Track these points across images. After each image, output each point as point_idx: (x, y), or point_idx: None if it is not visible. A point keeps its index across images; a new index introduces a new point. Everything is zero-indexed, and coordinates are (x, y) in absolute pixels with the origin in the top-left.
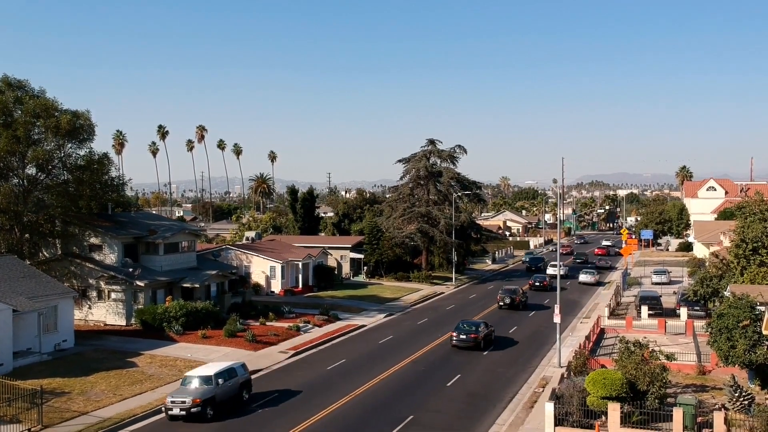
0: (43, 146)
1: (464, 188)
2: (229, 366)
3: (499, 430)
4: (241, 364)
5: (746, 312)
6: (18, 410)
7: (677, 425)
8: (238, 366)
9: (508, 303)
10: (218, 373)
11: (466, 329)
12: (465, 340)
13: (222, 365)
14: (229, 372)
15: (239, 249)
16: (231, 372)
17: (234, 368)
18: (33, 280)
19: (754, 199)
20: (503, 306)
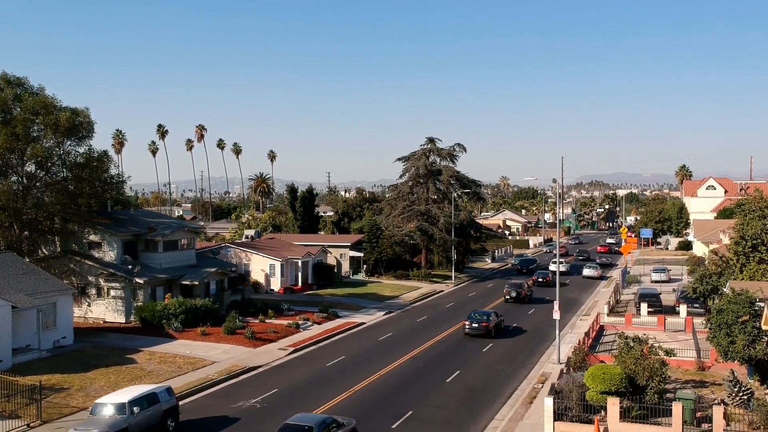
0: (42, 143)
1: (464, 187)
2: (150, 391)
3: (499, 425)
4: (166, 388)
5: (745, 307)
6: (17, 406)
7: (676, 419)
8: (161, 390)
9: (514, 296)
10: (134, 400)
11: (478, 318)
12: (477, 328)
13: (141, 390)
14: (149, 398)
15: (238, 247)
16: (151, 398)
17: (156, 393)
18: (32, 276)
19: (754, 197)
20: (509, 299)
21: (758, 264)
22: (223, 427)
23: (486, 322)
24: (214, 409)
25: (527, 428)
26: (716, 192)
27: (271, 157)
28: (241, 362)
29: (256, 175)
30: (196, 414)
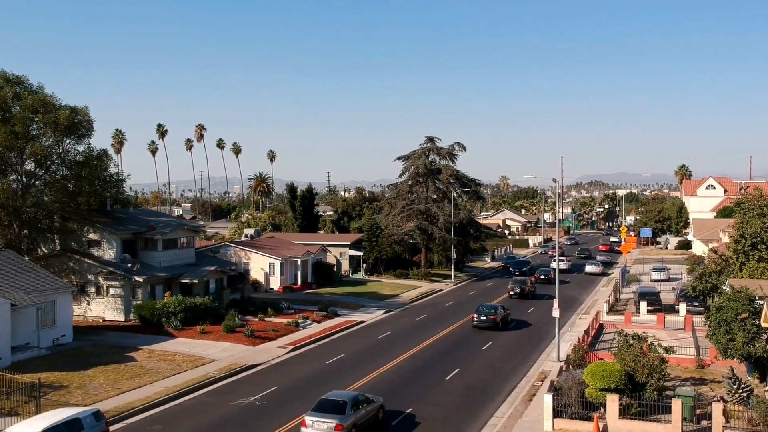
0: (41, 142)
1: (463, 185)
2: (72, 417)
3: (498, 422)
4: (93, 412)
5: (745, 305)
6: (16, 403)
7: (676, 416)
8: (86, 416)
9: (518, 292)
10: (49, 429)
11: (486, 311)
12: (485, 321)
13: (62, 415)
14: (70, 425)
15: (238, 246)
16: (73, 425)
17: (79, 419)
18: (31, 275)
19: (753, 195)
20: (513, 295)
21: (758, 262)
22: None
23: (494, 315)
24: (213, 406)
25: (526, 425)
26: (716, 191)
27: (271, 157)
28: (241, 360)
29: (255, 175)
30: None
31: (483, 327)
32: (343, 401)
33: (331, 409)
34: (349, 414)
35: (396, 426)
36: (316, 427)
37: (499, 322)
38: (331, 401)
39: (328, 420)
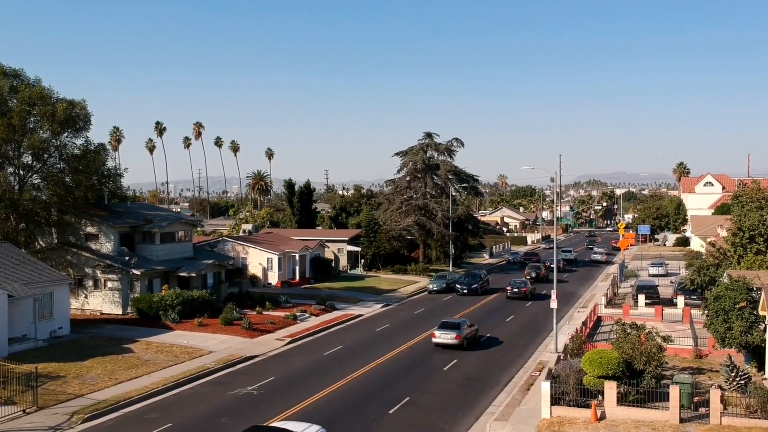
0: (38, 134)
1: (461, 181)
2: None
3: (496, 410)
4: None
5: (743, 294)
6: (13, 392)
7: (674, 402)
8: None
9: (534, 276)
10: None
11: (518, 285)
12: (517, 293)
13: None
14: None
15: (236, 241)
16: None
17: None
18: (28, 267)
19: (751, 188)
20: (530, 279)
21: (755, 255)
22: None
23: (525, 288)
24: (211, 396)
25: (524, 413)
26: (714, 188)
27: (269, 155)
28: (238, 352)
29: (253, 173)
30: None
31: (516, 298)
32: (459, 322)
33: (451, 326)
34: (464, 329)
35: (394, 413)
36: (443, 336)
37: (528, 293)
38: (450, 322)
39: (450, 332)
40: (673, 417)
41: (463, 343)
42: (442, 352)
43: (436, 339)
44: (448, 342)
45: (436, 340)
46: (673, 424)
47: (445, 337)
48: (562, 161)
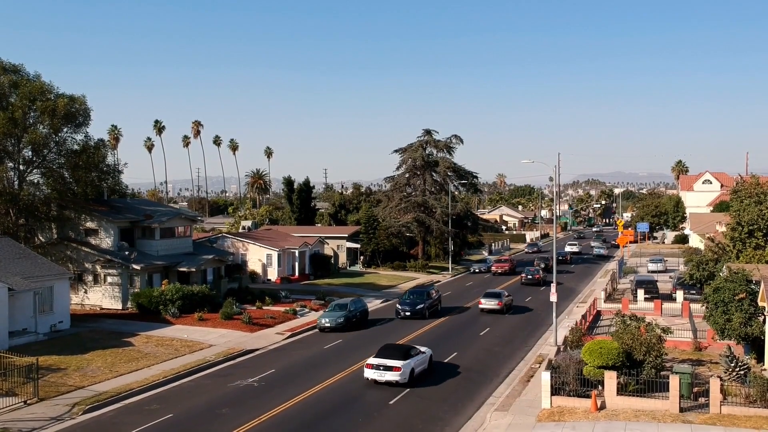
0: (39, 130)
1: (460, 178)
2: None
3: (496, 401)
4: None
5: (742, 285)
6: (13, 384)
7: (673, 391)
8: None
9: (543, 267)
10: None
11: (532, 272)
12: (531, 279)
13: None
14: None
15: (236, 237)
16: None
17: None
18: (28, 261)
19: (750, 183)
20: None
21: (755, 250)
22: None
23: (538, 275)
24: (211, 387)
25: (525, 403)
26: (712, 186)
27: (268, 154)
28: (239, 345)
29: (252, 172)
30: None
31: (530, 284)
32: (500, 291)
33: (494, 295)
34: (504, 298)
35: (395, 404)
36: (487, 303)
37: (540, 279)
38: (493, 292)
39: (493, 299)
40: (672, 406)
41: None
42: (442, 345)
43: (368, 374)
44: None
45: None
46: (673, 413)
47: (383, 375)
48: (560, 161)
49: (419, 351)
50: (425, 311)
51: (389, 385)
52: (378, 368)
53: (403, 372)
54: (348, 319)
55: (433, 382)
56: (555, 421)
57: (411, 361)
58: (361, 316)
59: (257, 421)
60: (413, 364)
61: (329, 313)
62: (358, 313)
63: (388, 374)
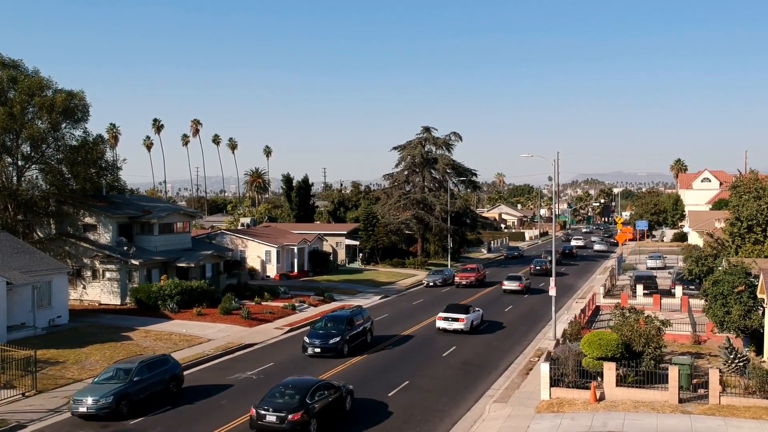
0: (37, 125)
1: (460, 175)
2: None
3: (495, 393)
4: None
5: (741, 278)
6: (11, 376)
7: (673, 382)
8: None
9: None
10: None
11: (540, 262)
12: (539, 270)
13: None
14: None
15: (235, 234)
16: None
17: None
18: (27, 255)
19: (749, 178)
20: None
21: (754, 245)
22: None
23: (545, 266)
24: (210, 380)
25: (524, 395)
26: (711, 184)
27: (267, 153)
28: (237, 340)
29: (251, 171)
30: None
31: (538, 274)
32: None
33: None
34: (472, 313)
35: (394, 396)
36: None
37: (548, 270)
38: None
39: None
40: (672, 397)
41: None
42: (441, 341)
43: (439, 324)
44: None
45: None
46: (672, 404)
47: (452, 324)
48: (559, 160)
49: (476, 309)
50: (342, 346)
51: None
52: (447, 320)
53: (467, 323)
54: None
55: (430, 375)
56: (554, 412)
57: (471, 315)
58: None
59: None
60: (472, 318)
61: None
62: None
63: (455, 324)
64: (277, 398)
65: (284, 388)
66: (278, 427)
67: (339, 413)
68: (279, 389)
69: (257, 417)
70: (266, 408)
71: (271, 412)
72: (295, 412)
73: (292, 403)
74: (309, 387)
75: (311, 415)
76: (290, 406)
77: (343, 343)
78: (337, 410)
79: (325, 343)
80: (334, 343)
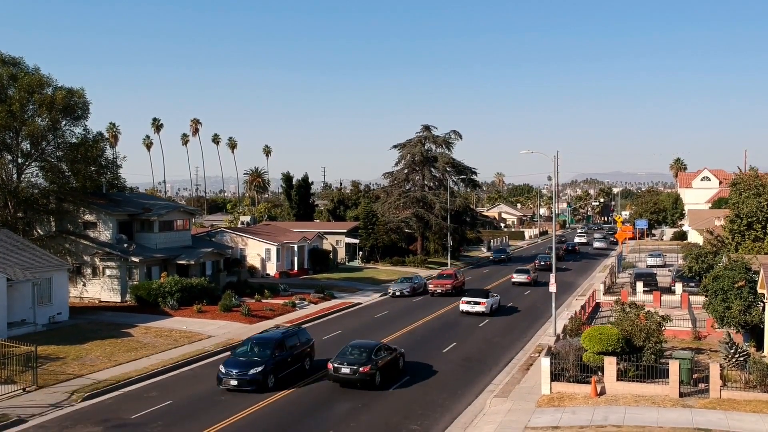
0: (37, 122)
1: (459, 173)
2: None
3: (495, 388)
4: None
5: (741, 273)
6: (12, 372)
7: (673, 377)
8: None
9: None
10: None
11: (545, 258)
12: (543, 266)
13: None
14: None
15: (235, 232)
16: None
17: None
18: (27, 252)
19: (749, 175)
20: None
21: (753, 242)
22: None
23: (549, 261)
24: (211, 376)
25: (524, 390)
26: (711, 183)
27: (267, 152)
28: (238, 336)
29: (251, 170)
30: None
31: (542, 269)
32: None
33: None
34: (532, 273)
35: (395, 390)
36: (517, 278)
37: (549, 265)
38: (523, 268)
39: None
40: (672, 392)
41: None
42: (441, 336)
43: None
44: None
45: None
46: (673, 398)
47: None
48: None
49: (494, 294)
50: (266, 378)
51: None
52: (470, 303)
53: (487, 306)
54: None
55: (431, 370)
56: (555, 407)
57: (490, 300)
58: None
59: (256, 407)
60: (491, 302)
61: None
62: None
63: (477, 307)
64: (349, 355)
65: (353, 348)
66: (351, 377)
67: (395, 371)
68: (349, 349)
69: (334, 370)
70: (341, 363)
71: (346, 366)
72: (365, 366)
73: (361, 359)
74: (373, 347)
75: (376, 368)
76: (360, 361)
77: (268, 373)
78: (393, 368)
79: (243, 374)
80: (254, 374)
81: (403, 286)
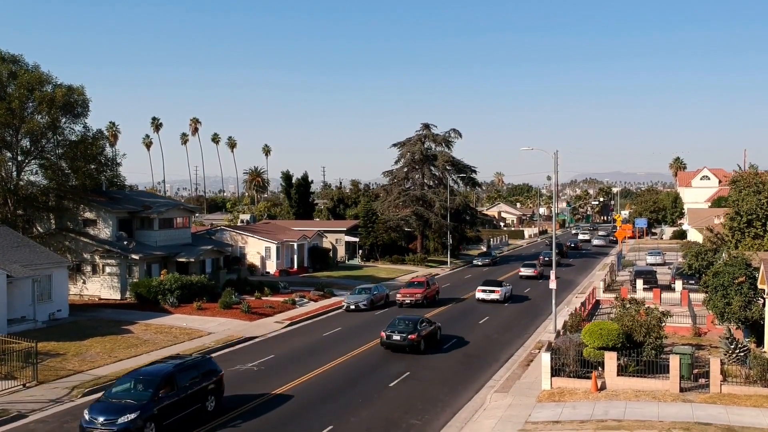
0: (37, 120)
1: (459, 171)
2: None
3: (496, 384)
4: None
5: (742, 269)
6: (12, 368)
7: (674, 372)
8: None
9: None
10: None
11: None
12: (547, 261)
13: None
14: None
15: (234, 230)
16: None
17: None
18: (27, 249)
19: (749, 173)
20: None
21: (753, 239)
22: None
23: (548, 257)
24: None
25: (525, 386)
26: (710, 182)
27: (266, 152)
28: (238, 333)
29: (251, 169)
30: None
31: (546, 264)
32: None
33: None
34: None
35: (395, 386)
36: (525, 272)
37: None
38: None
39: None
40: (673, 387)
41: None
42: (442, 333)
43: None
44: None
45: None
46: (674, 393)
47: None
48: (559, 159)
49: (507, 284)
50: (142, 428)
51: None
52: (486, 291)
53: (501, 294)
54: None
55: (431, 366)
56: (555, 402)
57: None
58: None
59: (258, 401)
60: (505, 291)
61: None
62: None
63: (492, 295)
64: (398, 326)
65: (400, 320)
66: (401, 343)
67: (434, 341)
68: (396, 321)
69: (386, 337)
70: (392, 331)
71: (396, 333)
72: (412, 334)
73: (408, 328)
74: (417, 320)
75: (421, 337)
76: (408, 329)
77: (146, 420)
78: (433, 338)
79: (111, 424)
80: (125, 424)
81: (359, 298)
